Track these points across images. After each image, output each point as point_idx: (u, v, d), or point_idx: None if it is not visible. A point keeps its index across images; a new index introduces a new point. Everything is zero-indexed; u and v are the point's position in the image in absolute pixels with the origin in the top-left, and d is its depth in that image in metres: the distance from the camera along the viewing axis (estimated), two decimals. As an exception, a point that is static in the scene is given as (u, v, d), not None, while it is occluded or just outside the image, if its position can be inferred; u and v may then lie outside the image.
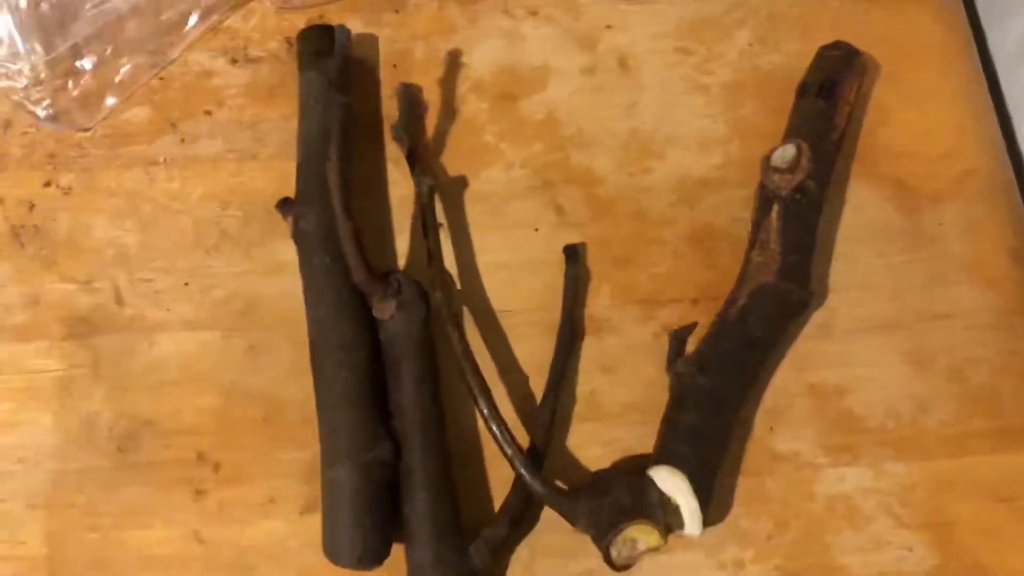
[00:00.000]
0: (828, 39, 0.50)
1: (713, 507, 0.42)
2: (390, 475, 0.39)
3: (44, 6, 0.45)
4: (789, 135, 0.47)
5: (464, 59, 0.50)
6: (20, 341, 0.43)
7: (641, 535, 0.38)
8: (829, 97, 0.48)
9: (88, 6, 0.46)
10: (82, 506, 0.40)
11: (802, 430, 0.44)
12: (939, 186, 0.49)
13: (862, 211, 0.49)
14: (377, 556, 0.38)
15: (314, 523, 0.40)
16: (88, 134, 0.47)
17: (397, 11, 0.51)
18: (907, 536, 0.43)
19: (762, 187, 0.46)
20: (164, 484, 0.41)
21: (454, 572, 0.38)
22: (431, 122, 0.49)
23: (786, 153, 0.45)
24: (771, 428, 0.44)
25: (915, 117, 0.51)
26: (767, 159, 0.46)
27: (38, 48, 0.46)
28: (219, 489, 0.41)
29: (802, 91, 0.49)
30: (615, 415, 0.44)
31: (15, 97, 0.46)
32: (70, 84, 0.46)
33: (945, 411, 0.45)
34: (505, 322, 0.45)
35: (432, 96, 0.49)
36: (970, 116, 0.51)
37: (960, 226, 0.49)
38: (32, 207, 0.45)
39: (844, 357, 0.45)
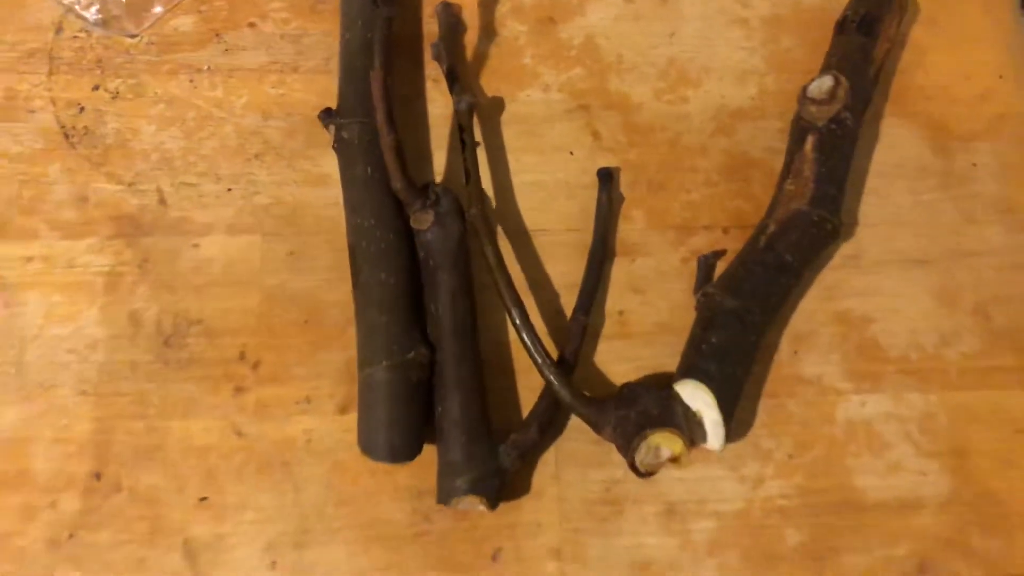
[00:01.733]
0: (870, -23, 0.50)
1: (736, 425, 0.43)
2: (424, 377, 0.41)
3: (96, -89, 0.46)
4: (827, 68, 0.47)
5: (506, -19, 0.50)
6: (70, 238, 0.44)
7: (665, 442, 0.39)
8: (868, 33, 0.48)
9: (139, -86, 0.46)
10: (128, 395, 0.42)
11: (826, 356, 0.45)
12: (973, 127, 0.50)
13: (895, 149, 0.49)
14: (409, 452, 0.40)
15: (349, 422, 0.41)
16: (135, 40, 0.47)
17: (441, -67, 0.51)
18: (923, 462, 0.44)
19: (798, 118, 0.46)
20: (206, 380, 0.42)
21: (483, 471, 0.40)
22: (470, 43, 0.49)
23: (823, 84, 0.46)
24: (796, 352, 0.45)
25: (952, 59, 0.51)
26: (804, 90, 0.46)
27: (89, -46, 0.47)
28: (258, 387, 0.42)
29: (841, 26, 0.49)
30: (643, 334, 0.45)
31: (66, 2, 0.47)
32: (120, -9, 0.47)
33: (968, 345, 0.46)
34: (538, 241, 0.46)
35: (472, 17, 0.50)
36: (1008, 60, 0.51)
37: (992, 168, 0.49)
38: (82, 109, 0.46)
39: (871, 288, 0.46)
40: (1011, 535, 0.42)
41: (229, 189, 0.45)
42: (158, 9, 0.47)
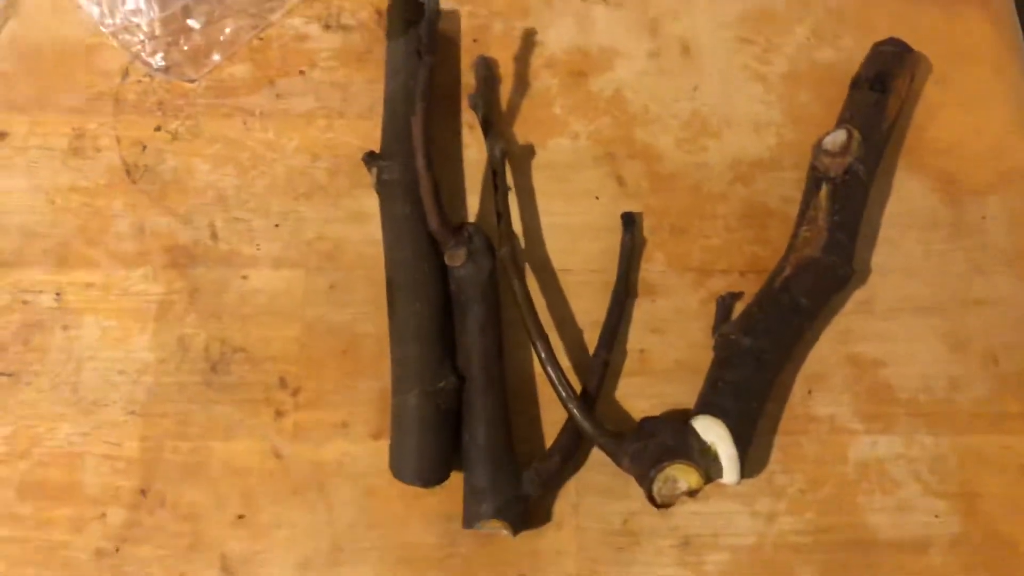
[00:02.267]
0: (884, 37, 0.53)
1: (750, 462, 0.45)
2: (453, 405, 0.43)
3: (164, -32, 0.50)
4: (841, 122, 0.50)
5: (538, 37, 0.54)
6: (127, 267, 0.47)
7: (682, 475, 0.41)
8: (881, 90, 0.50)
9: (201, -29, 0.50)
10: (174, 416, 0.45)
11: (839, 396, 0.47)
12: (984, 181, 0.52)
13: (907, 200, 0.51)
14: (438, 476, 0.42)
15: (383, 447, 0.44)
16: (194, 85, 0.51)
17: (479, -9, 0.55)
18: (934, 503, 0.45)
19: (813, 168, 0.49)
20: (249, 404, 0.45)
21: (507, 497, 0.42)
22: (505, 93, 0.52)
23: (837, 138, 0.48)
24: (809, 392, 0.47)
25: (963, 115, 0.54)
26: (819, 142, 0.49)
27: (155, 6, 0.50)
28: (297, 411, 0.45)
29: (856, 83, 0.52)
30: (662, 371, 0.47)
31: (133, 49, 0.51)
32: (181, 40, 0.51)
33: (977, 391, 0.47)
34: (564, 280, 0.48)
35: (507, 70, 0.53)
36: (1018, 117, 0.53)
37: (1003, 220, 0.51)
38: (144, 148, 0.50)
39: (883, 333, 0.48)
40: (1019, 577, 0.44)
41: (277, 225, 0.48)
42: (216, 57, 0.51)
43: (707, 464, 0.42)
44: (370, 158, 0.47)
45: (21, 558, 0.42)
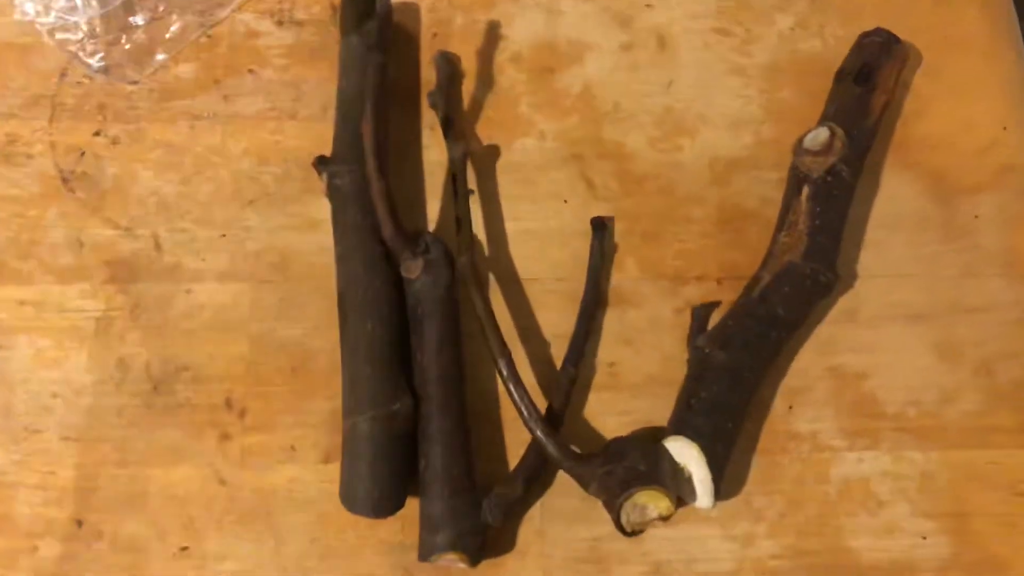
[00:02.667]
0: (871, 27, 0.50)
1: (727, 483, 0.42)
2: (408, 429, 0.40)
3: (102, -38, 0.47)
4: (824, 118, 0.47)
5: (503, 31, 0.51)
6: (63, 282, 0.44)
7: (652, 501, 0.38)
8: (866, 83, 0.47)
9: (143, -36, 0.47)
10: (113, 441, 0.42)
11: (821, 411, 0.44)
12: (976, 179, 0.49)
13: (896, 200, 0.48)
14: (392, 506, 0.39)
15: (333, 472, 0.41)
16: (137, 87, 0.48)
17: (440, -18, 0.52)
18: (922, 524, 0.42)
19: (794, 168, 0.46)
20: (192, 427, 0.42)
21: (465, 526, 0.39)
22: (468, 91, 0.49)
23: (819, 136, 0.45)
24: (790, 407, 0.44)
25: (955, 109, 0.51)
26: (800, 141, 0.46)
27: (94, 3, 0.47)
28: (244, 435, 0.42)
29: (840, 76, 0.49)
30: (633, 386, 0.44)
31: (71, 48, 0.48)
32: (123, 39, 0.48)
33: (969, 403, 0.45)
34: (530, 290, 0.46)
35: (470, 66, 0.50)
36: (1012, 111, 0.50)
37: (996, 220, 0.48)
38: (82, 155, 0.47)
39: (869, 343, 0.45)
40: (1014, 603, 0.41)
41: (223, 235, 0.45)
42: (160, 56, 0.48)
43: (679, 488, 0.40)
44: (321, 163, 0.45)
45: (-51, 595, 0.40)
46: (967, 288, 0.47)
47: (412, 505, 0.40)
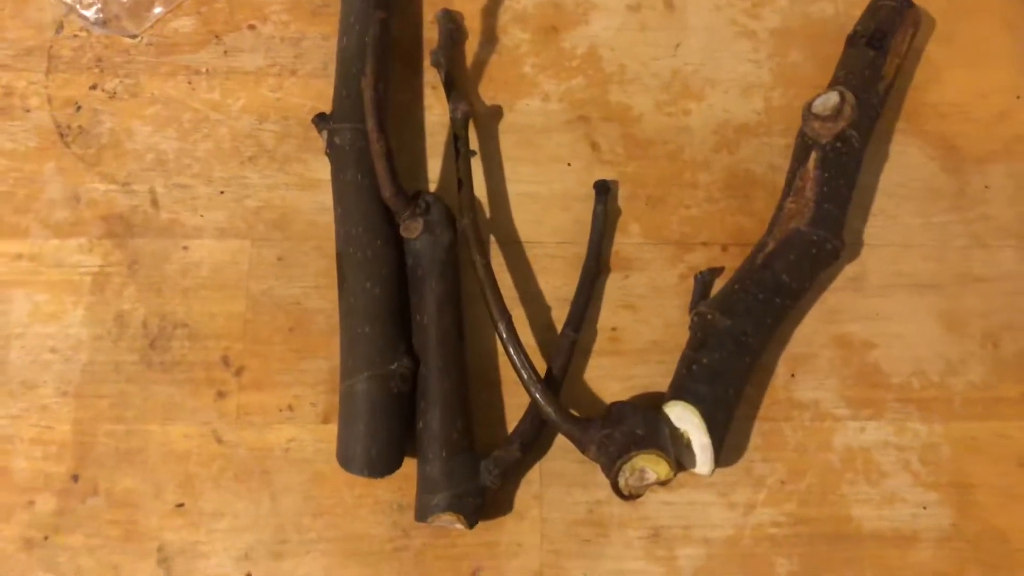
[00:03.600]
0: (884, -9, 0.49)
1: (727, 450, 0.42)
2: (407, 389, 0.40)
3: (100, -89, 0.46)
4: (834, 83, 0.46)
5: (509, -11, 0.50)
6: (60, 237, 0.44)
7: (650, 465, 0.38)
8: (879, 47, 0.46)
9: (142, -86, 0.46)
10: (110, 397, 0.42)
11: (825, 380, 0.43)
12: (988, 148, 0.48)
13: (905, 168, 0.48)
14: (388, 466, 0.39)
15: (331, 432, 0.41)
16: (135, 41, 0.47)
17: (446, -61, 0.51)
18: (924, 494, 0.42)
19: (802, 134, 0.45)
20: (189, 384, 0.42)
21: (463, 488, 0.39)
22: (470, 50, 0.49)
23: (828, 100, 0.44)
24: (793, 375, 0.43)
25: (968, 77, 0.50)
26: (808, 106, 0.45)
27: (92, -46, 0.46)
28: (241, 392, 0.42)
29: (852, 40, 0.48)
30: (635, 352, 0.44)
31: (68, 1, 0.47)
32: (121, -9, 0.47)
33: (974, 374, 0.44)
34: (531, 253, 0.45)
35: (473, 24, 0.49)
36: (1027, 79, 0.49)
37: (1007, 190, 0.47)
38: (78, 108, 0.46)
39: (874, 312, 0.45)
40: (1014, 575, 0.41)
41: (221, 192, 0.45)
42: (158, 10, 0.47)
43: (679, 453, 0.39)
44: (320, 120, 0.44)
45: (-55, 548, 0.39)
46: (975, 259, 0.46)
47: (409, 466, 0.40)
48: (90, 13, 0.46)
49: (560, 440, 0.42)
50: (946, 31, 0.50)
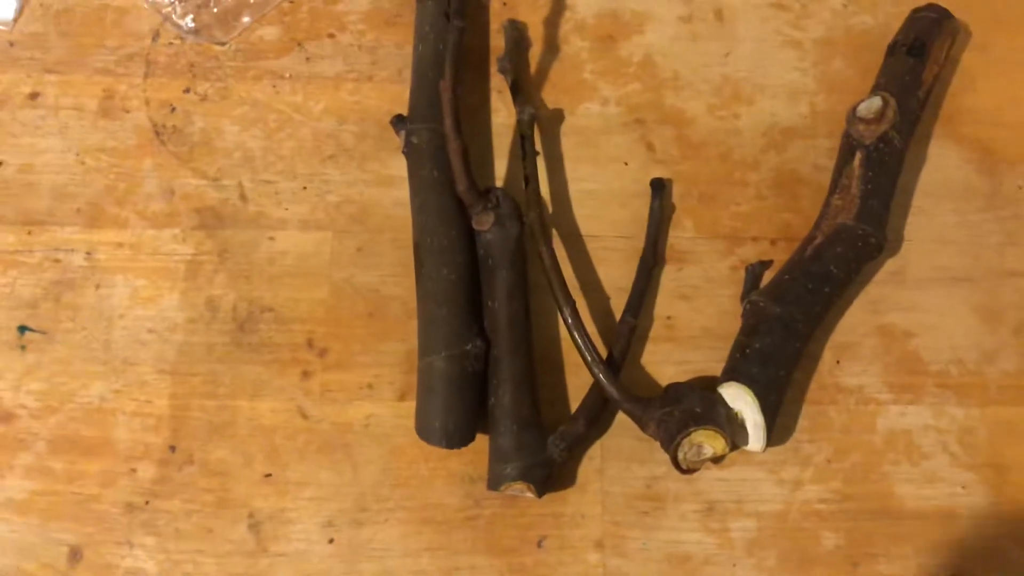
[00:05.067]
0: (921, 3, 0.52)
1: (776, 430, 0.44)
2: (480, 368, 0.43)
3: (194, -71, 0.50)
4: (876, 88, 0.49)
5: (569, 1, 0.53)
6: (156, 227, 0.47)
7: (707, 440, 0.41)
8: (918, 56, 0.49)
9: (232, -69, 0.50)
10: (203, 375, 0.45)
11: (868, 366, 0.46)
12: (1021, 151, 0.51)
13: (942, 170, 0.50)
14: (463, 438, 0.42)
15: (408, 409, 0.44)
16: (224, 48, 0.51)
17: (508, -46, 0.54)
18: (962, 474, 0.45)
19: (847, 136, 0.48)
20: (276, 364, 0.45)
21: (532, 459, 0.42)
22: (534, 58, 0.52)
23: (872, 104, 0.47)
24: (838, 362, 0.46)
25: (1002, 85, 0.52)
26: (853, 109, 0.48)
27: (186, -32, 0.50)
28: (324, 372, 0.45)
29: (892, 49, 0.51)
30: (689, 338, 0.47)
31: (164, 11, 0.51)
32: (211, 2, 0.51)
33: (1008, 363, 0.47)
34: (591, 245, 0.48)
35: (536, 34, 0.52)
36: (1059, 86, 0.52)
37: (1040, 191, 0.50)
38: (173, 109, 0.50)
39: (914, 303, 0.47)
40: (1048, 550, 0.43)
41: (304, 187, 0.48)
42: (246, 19, 0.51)
43: (733, 431, 0.42)
44: (398, 122, 0.47)
45: (53, 511, 0.43)
46: (1009, 255, 0.49)
47: (481, 441, 0.43)
48: (184, 22, 0.50)
49: (620, 418, 0.45)
50: (981, 41, 0.53)
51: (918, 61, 0.49)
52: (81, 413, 0.44)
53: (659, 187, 0.48)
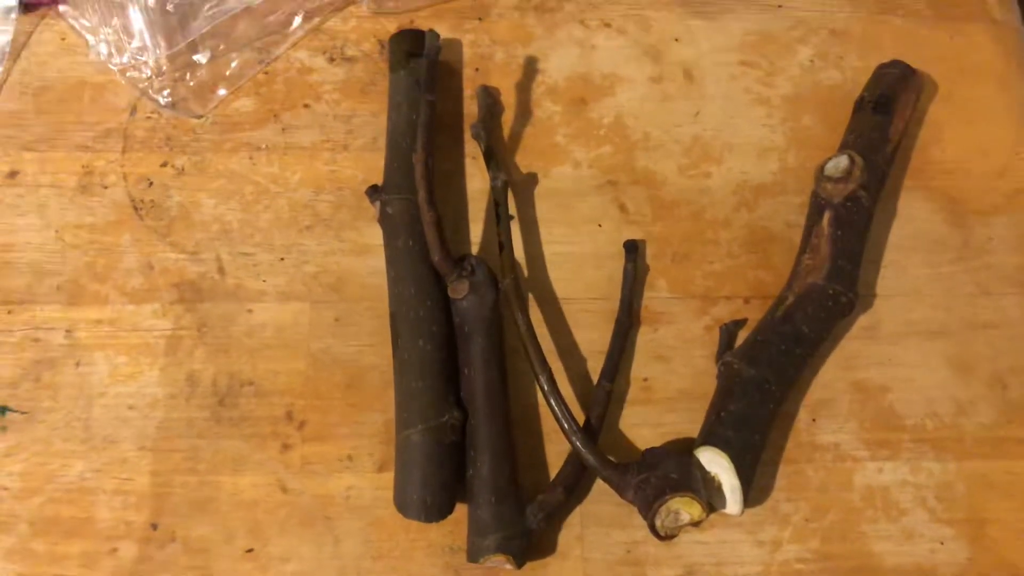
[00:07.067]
0: (888, 58, 0.53)
1: (754, 491, 0.45)
2: (457, 439, 0.43)
3: (169, 6, 0.50)
4: (844, 146, 0.50)
5: (540, 65, 0.54)
6: (136, 303, 0.48)
7: (684, 507, 0.41)
8: (885, 112, 0.50)
9: (207, 7, 0.51)
10: (184, 451, 0.45)
11: (844, 423, 0.47)
12: (990, 202, 0.52)
13: (912, 222, 0.51)
14: (442, 511, 0.42)
15: (387, 480, 0.44)
16: (201, 121, 0.52)
17: (480, 19, 0.55)
18: (940, 530, 0.45)
19: (815, 195, 0.49)
20: (256, 438, 0.46)
21: (511, 530, 0.42)
22: (507, 122, 0.53)
23: (839, 163, 0.48)
24: (814, 420, 0.47)
25: (969, 135, 0.53)
26: (821, 168, 0.48)
27: (162, 43, 0.51)
28: (304, 445, 0.46)
29: (859, 105, 0.51)
30: (666, 400, 0.47)
31: (141, 86, 0.51)
32: (187, 76, 0.52)
33: (984, 416, 0.47)
34: (567, 308, 0.49)
35: (509, 98, 0.53)
36: (1025, 136, 0.53)
37: (1009, 241, 0.51)
38: (151, 184, 0.50)
39: (888, 358, 0.48)
40: (1028, 605, 0.43)
41: (282, 259, 0.49)
42: (222, 91, 0.52)
43: (710, 495, 0.43)
44: (373, 192, 0.48)
45: (36, 592, 0.43)
46: (981, 306, 0.49)
47: (460, 510, 0.43)
48: (161, 96, 0.51)
49: (599, 484, 0.45)
50: (947, 92, 0.54)
51: (885, 118, 0.50)
52: (62, 493, 0.45)
53: (632, 248, 0.49)
